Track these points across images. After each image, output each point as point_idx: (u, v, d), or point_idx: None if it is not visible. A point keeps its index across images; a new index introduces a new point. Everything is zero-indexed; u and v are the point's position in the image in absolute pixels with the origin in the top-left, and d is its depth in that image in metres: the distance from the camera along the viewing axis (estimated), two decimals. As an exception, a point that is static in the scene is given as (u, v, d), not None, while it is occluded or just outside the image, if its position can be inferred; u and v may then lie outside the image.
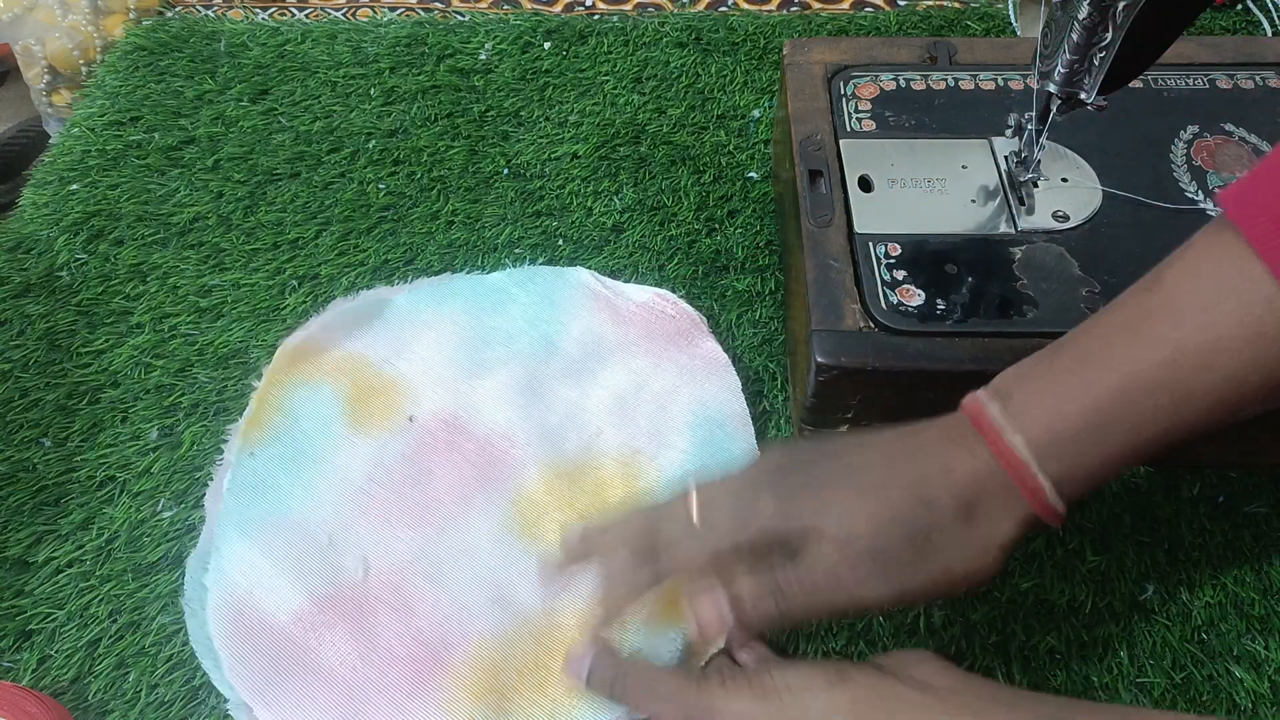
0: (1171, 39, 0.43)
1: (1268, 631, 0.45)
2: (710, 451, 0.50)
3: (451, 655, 0.44)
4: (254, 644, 0.44)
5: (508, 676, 0.43)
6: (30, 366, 0.56)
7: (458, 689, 0.43)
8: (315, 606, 0.45)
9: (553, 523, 0.48)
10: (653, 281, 0.58)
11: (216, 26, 0.76)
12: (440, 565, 0.47)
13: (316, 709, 0.43)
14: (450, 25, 0.75)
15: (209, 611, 0.45)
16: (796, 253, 0.50)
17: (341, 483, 0.50)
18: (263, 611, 0.45)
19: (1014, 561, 0.47)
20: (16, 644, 0.46)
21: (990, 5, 0.75)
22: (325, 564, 0.47)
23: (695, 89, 0.70)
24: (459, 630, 0.45)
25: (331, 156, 0.66)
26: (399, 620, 0.45)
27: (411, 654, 0.44)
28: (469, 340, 0.54)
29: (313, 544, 0.47)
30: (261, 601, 0.46)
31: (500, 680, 0.43)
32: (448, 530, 0.48)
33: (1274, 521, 0.48)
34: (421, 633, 0.45)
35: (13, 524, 0.50)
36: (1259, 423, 0.47)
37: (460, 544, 0.47)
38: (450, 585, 0.46)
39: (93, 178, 0.66)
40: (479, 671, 0.43)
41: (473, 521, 0.48)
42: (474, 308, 0.56)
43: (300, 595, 0.46)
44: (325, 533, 0.48)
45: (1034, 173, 0.50)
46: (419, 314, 0.56)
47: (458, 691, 0.43)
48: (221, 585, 0.46)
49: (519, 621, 0.45)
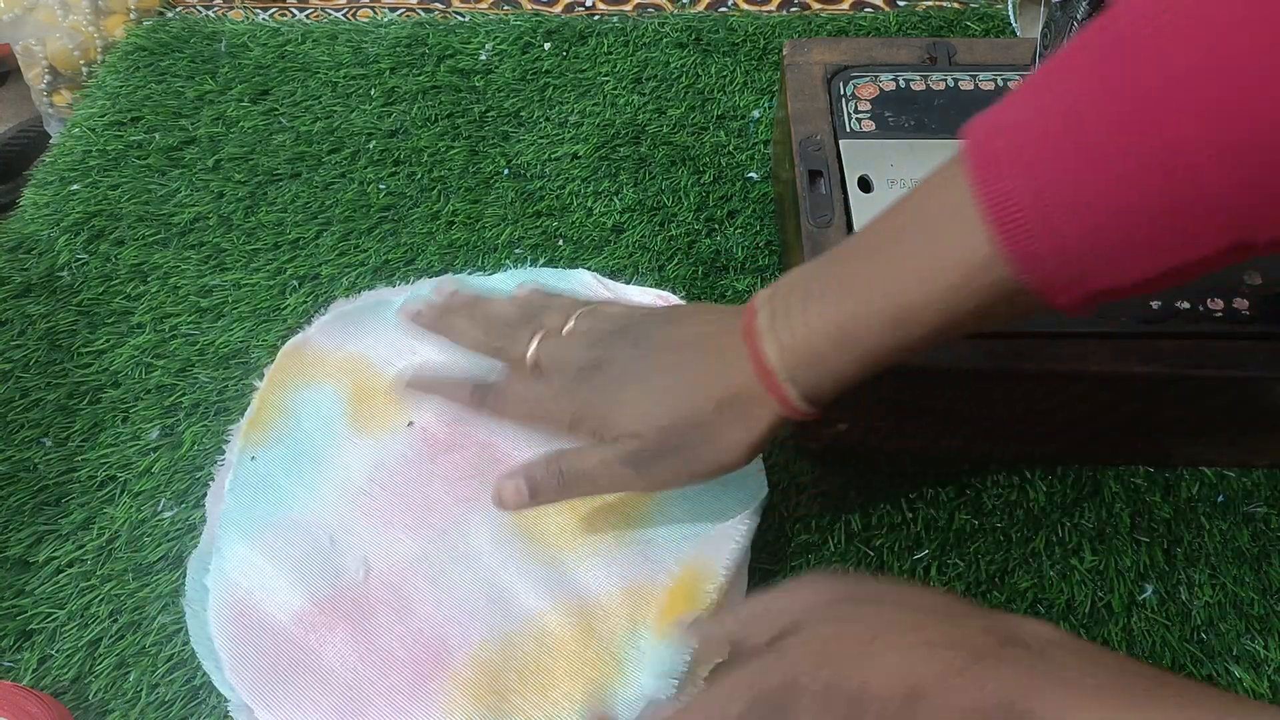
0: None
1: (1267, 631, 0.45)
2: None
3: (452, 657, 0.44)
4: (255, 645, 0.44)
5: (508, 678, 0.43)
6: (31, 366, 0.56)
7: (458, 691, 0.43)
8: (316, 607, 0.46)
9: (554, 525, 0.48)
10: (653, 281, 0.58)
11: (217, 27, 0.76)
12: (441, 567, 0.47)
13: (316, 710, 0.43)
14: (450, 26, 0.75)
15: (210, 612, 0.45)
16: (796, 253, 0.50)
17: (343, 484, 0.50)
18: (263, 612, 0.45)
19: (1014, 561, 0.48)
20: (17, 644, 0.47)
21: (990, 5, 0.75)
22: (326, 565, 0.47)
23: (695, 89, 0.70)
24: (459, 632, 0.45)
25: (332, 157, 0.66)
26: (399, 622, 0.45)
27: (412, 655, 0.44)
28: None
29: (314, 545, 0.47)
30: (262, 602, 0.46)
31: (500, 682, 0.43)
32: (449, 532, 0.48)
33: (1273, 521, 0.49)
34: (422, 634, 0.45)
35: (13, 524, 0.50)
36: (1259, 423, 0.47)
37: (461, 545, 0.47)
38: (451, 587, 0.46)
39: (93, 178, 0.66)
40: (479, 673, 0.43)
41: (474, 523, 0.48)
42: None
43: (301, 596, 0.46)
44: (326, 534, 0.48)
45: (1033, 173, 0.50)
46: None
47: (457, 693, 0.43)
48: (222, 586, 0.46)
49: (520, 623, 0.45)
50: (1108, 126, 0.31)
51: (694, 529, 0.47)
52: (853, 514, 0.49)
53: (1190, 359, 0.44)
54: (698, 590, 0.44)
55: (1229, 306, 0.46)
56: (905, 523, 0.49)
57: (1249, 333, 0.45)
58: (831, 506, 0.50)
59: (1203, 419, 0.47)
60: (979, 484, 0.50)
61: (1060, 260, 0.32)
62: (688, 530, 0.47)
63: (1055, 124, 0.32)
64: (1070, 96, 0.32)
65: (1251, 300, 0.46)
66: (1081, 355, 0.45)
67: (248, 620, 0.45)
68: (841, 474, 0.51)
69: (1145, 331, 0.45)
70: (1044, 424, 0.48)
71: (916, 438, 0.49)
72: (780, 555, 0.48)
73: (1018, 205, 0.32)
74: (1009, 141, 0.33)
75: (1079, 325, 0.46)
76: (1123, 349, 0.45)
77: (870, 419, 0.48)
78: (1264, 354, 0.44)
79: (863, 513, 0.49)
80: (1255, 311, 0.46)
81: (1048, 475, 0.50)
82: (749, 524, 0.46)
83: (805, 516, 0.49)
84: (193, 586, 0.46)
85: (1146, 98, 0.30)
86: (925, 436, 0.49)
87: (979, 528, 0.49)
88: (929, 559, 0.48)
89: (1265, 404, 0.46)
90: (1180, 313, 0.46)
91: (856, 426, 0.49)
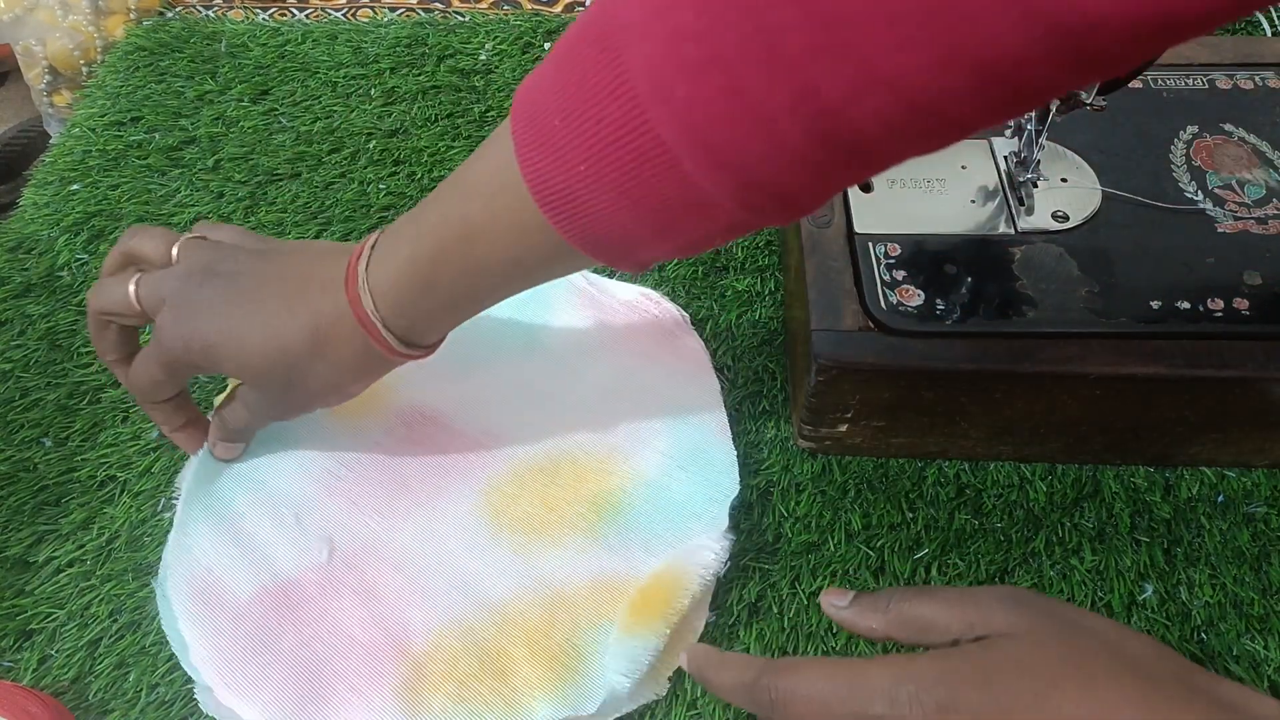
0: (1170, 39, 0.43)
1: (1267, 631, 0.45)
2: (687, 451, 0.50)
3: (412, 642, 0.44)
4: (215, 625, 0.44)
5: (468, 664, 0.43)
6: (31, 366, 0.56)
7: (416, 676, 0.43)
8: (277, 587, 0.45)
9: (521, 512, 0.48)
10: (653, 281, 0.58)
11: (217, 27, 0.76)
12: (405, 551, 0.47)
13: (274, 689, 0.43)
14: (450, 25, 0.75)
15: (171, 592, 0.45)
16: (796, 253, 0.50)
17: (312, 462, 0.50)
18: (225, 591, 0.45)
19: (1013, 561, 0.48)
20: (17, 644, 0.46)
21: (990, 5, 0.75)
22: (289, 545, 0.47)
23: (695, 89, 0.70)
24: (421, 617, 0.45)
25: (332, 157, 0.66)
26: (361, 605, 0.45)
27: (372, 639, 0.44)
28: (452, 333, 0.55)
29: (279, 523, 0.47)
30: (223, 581, 0.45)
31: (460, 668, 0.43)
32: (414, 516, 0.48)
33: (1273, 521, 0.49)
34: (383, 618, 0.45)
35: (13, 524, 0.50)
36: (1259, 423, 0.47)
37: (426, 530, 0.48)
38: (414, 571, 0.46)
39: (93, 178, 0.66)
40: (439, 659, 0.43)
41: (441, 508, 0.48)
42: None
43: (263, 575, 0.46)
44: (292, 512, 0.48)
45: (1033, 173, 0.50)
46: None
47: (415, 679, 0.43)
48: (185, 564, 0.46)
49: (482, 610, 0.45)
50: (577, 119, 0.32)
51: (665, 525, 0.47)
52: (853, 514, 0.49)
53: (1190, 359, 0.44)
54: (672, 594, 0.44)
55: (1229, 306, 0.46)
56: (905, 523, 0.49)
57: (1249, 333, 0.45)
58: (831, 506, 0.50)
59: (1203, 419, 0.47)
60: (979, 484, 0.50)
61: (599, 241, 0.34)
62: (659, 527, 0.47)
63: (557, 109, 0.32)
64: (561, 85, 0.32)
65: (1251, 300, 0.46)
66: (1081, 355, 0.45)
67: (208, 599, 0.45)
68: (841, 474, 0.51)
69: (1145, 331, 0.45)
70: (1044, 424, 0.48)
71: (917, 438, 0.49)
72: (780, 555, 0.48)
73: (553, 188, 0.33)
74: (539, 123, 0.33)
75: (1079, 325, 0.46)
76: (1123, 349, 0.45)
77: (870, 419, 0.48)
78: (1264, 354, 0.44)
79: (863, 513, 0.49)
80: (1255, 311, 0.46)
81: (1048, 475, 0.50)
82: (728, 540, 0.46)
83: (805, 516, 0.49)
84: (163, 568, 0.47)
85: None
86: (925, 436, 0.49)
87: (979, 528, 0.49)
88: (929, 559, 0.48)
89: (1265, 404, 0.46)
90: (1180, 313, 0.46)
91: (856, 426, 0.49)
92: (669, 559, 0.46)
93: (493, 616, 0.45)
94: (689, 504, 0.48)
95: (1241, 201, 0.50)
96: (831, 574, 0.47)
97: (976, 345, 0.45)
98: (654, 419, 0.51)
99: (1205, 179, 0.51)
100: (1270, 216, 0.49)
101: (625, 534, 0.47)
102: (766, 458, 0.51)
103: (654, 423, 0.51)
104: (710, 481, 0.49)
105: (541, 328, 0.55)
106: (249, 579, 0.46)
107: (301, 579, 0.46)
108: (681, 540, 0.47)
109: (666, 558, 0.46)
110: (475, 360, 0.54)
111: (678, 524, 0.47)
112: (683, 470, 0.49)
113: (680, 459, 0.49)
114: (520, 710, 0.42)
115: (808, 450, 0.51)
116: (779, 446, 0.52)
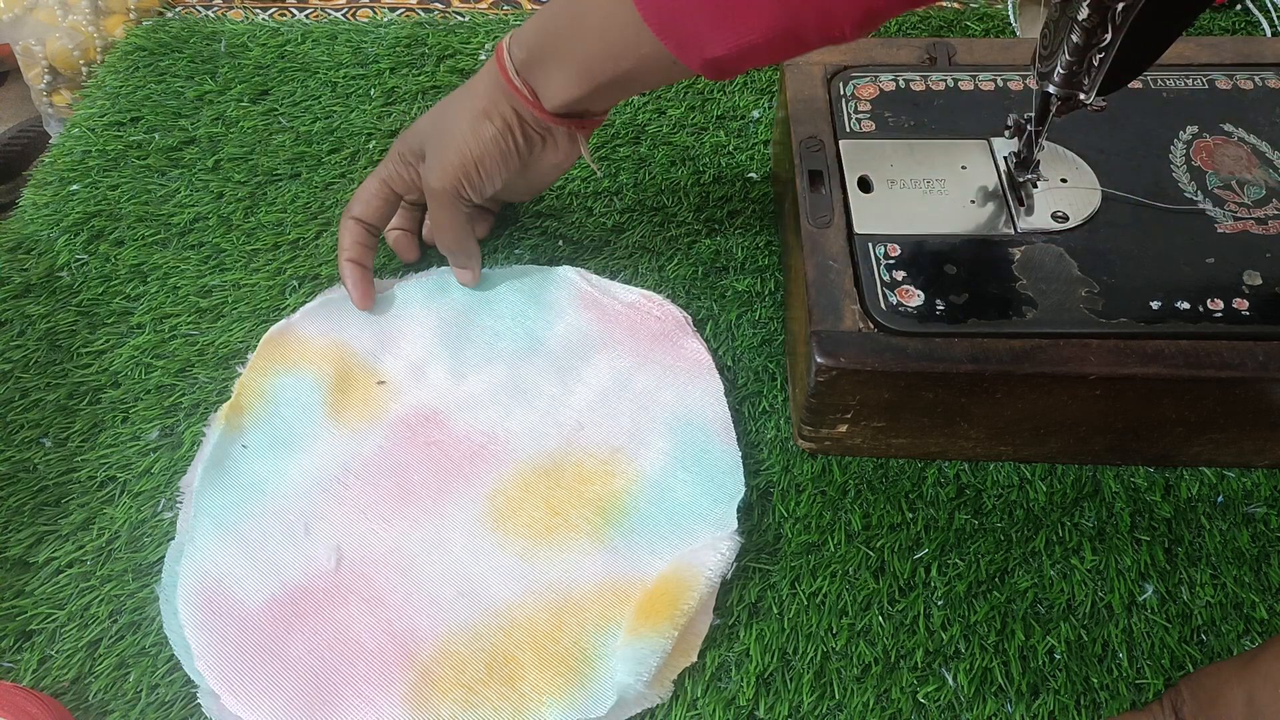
0: (1171, 40, 0.43)
1: (1267, 632, 0.45)
2: (690, 452, 0.50)
3: (420, 648, 0.44)
4: (222, 632, 0.45)
5: (475, 670, 0.43)
6: (31, 367, 0.56)
7: (424, 682, 0.43)
8: (286, 596, 0.46)
9: (526, 517, 0.48)
10: (653, 282, 0.58)
11: (217, 27, 0.76)
12: (413, 558, 0.47)
13: (283, 697, 0.43)
14: (450, 26, 0.75)
15: (179, 600, 0.46)
16: (796, 253, 0.50)
17: (319, 472, 0.50)
18: (233, 600, 0.46)
19: (1013, 561, 0.48)
20: (17, 644, 0.46)
21: (990, 6, 0.75)
22: (298, 553, 0.47)
23: (695, 89, 0.70)
24: (428, 624, 0.45)
25: (332, 157, 0.66)
26: (369, 612, 0.45)
27: (380, 646, 0.44)
28: (454, 336, 0.55)
29: (287, 532, 0.48)
30: (232, 590, 0.46)
31: (467, 674, 0.43)
32: (421, 523, 0.48)
33: (1273, 521, 0.49)
34: (391, 625, 0.45)
35: (13, 524, 0.50)
36: (1259, 423, 0.47)
37: (433, 537, 0.48)
38: (421, 578, 0.46)
39: (93, 178, 0.66)
40: (447, 665, 0.44)
41: (446, 514, 0.48)
42: (461, 303, 0.56)
43: (272, 584, 0.46)
44: (301, 522, 0.48)
45: (1033, 173, 0.50)
46: (407, 308, 0.56)
47: (424, 685, 0.43)
48: (193, 574, 0.46)
49: (489, 615, 0.45)
50: None
51: (669, 526, 0.47)
52: (853, 514, 0.49)
53: (1190, 359, 0.44)
54: (679, 596, 0.44)
55: (1229, 306, 0.46)
56: (905, 523, 0.49)
57: (1249, 333, 0.45)
58: (831, 507, 0.50)
59: (1203, 419, 0.47)
60: (979, 484, 0.50)
61: (677, 26, 0.42)
62: (664, 529, 0.47)
63: None
64: None
65: (1251, 300, 0.46)
66: (1081, 355, 0.45)
67: (217, 608, 0.45)
68: (841, 474, 0.51)
69: (1145, 332, 0.45)
70: (1044, 424, 0.48)
71: (917, 438, 0.49)
72: (780, 556, 0.48)
73: None
74: None
75: (1079, 326, 0.46)
76: (1123, 349, 0.45)
77: (870, 419, 0.48)
78: (1264, 354, 0.44)
79: (863, 513, 0.49)
80: (1255, 311, 0.46)
81: (1048, 475, 0.50)
82: (735, 542, 0.46)
83: (805, 516, 0.49)
84: (167, 574, 0.47)
85: None
86: (925, 436, 0.49)
87: (979, 528, 0.49)
88: (929, 559, 0.48)
89: (1265, 404, 0.46)
90: (1180, 313, 0.46)
91: (856, 427, 0.49)
92: (675, 561, 0.46)
93: (500, 621, 0.45)
94: (693, 505, 0.48)
95: (1241, 202, 0.50)
96: (832, 574, 0.47)
97: (976, 346, 0.45)
98: (657, 420, 0.51)
99: (1205, 179, 0.51)
100: (1270, 216, 0.49)
101: (630, 536, 0.47)
102: (767, 458, 0.51)
103: (657, 424, 0.51)
104: (714, 482, 0.49)
105: (544, 330, 0.55)
106: (258, 587, 0.46)
107: (310, 587, 0.46)
108: (686, 542, 0.47)
109: (672, 560, 0.46)
110: (476, 363, 0.54)
111: (682, 525, 0.47)
112: (686, 471, 0.49)
113: (684, 460, 0.49)
114: (529, 715, 0.42)
115: (808, 451, 0.51)
116: (779, 447, 0.52)
